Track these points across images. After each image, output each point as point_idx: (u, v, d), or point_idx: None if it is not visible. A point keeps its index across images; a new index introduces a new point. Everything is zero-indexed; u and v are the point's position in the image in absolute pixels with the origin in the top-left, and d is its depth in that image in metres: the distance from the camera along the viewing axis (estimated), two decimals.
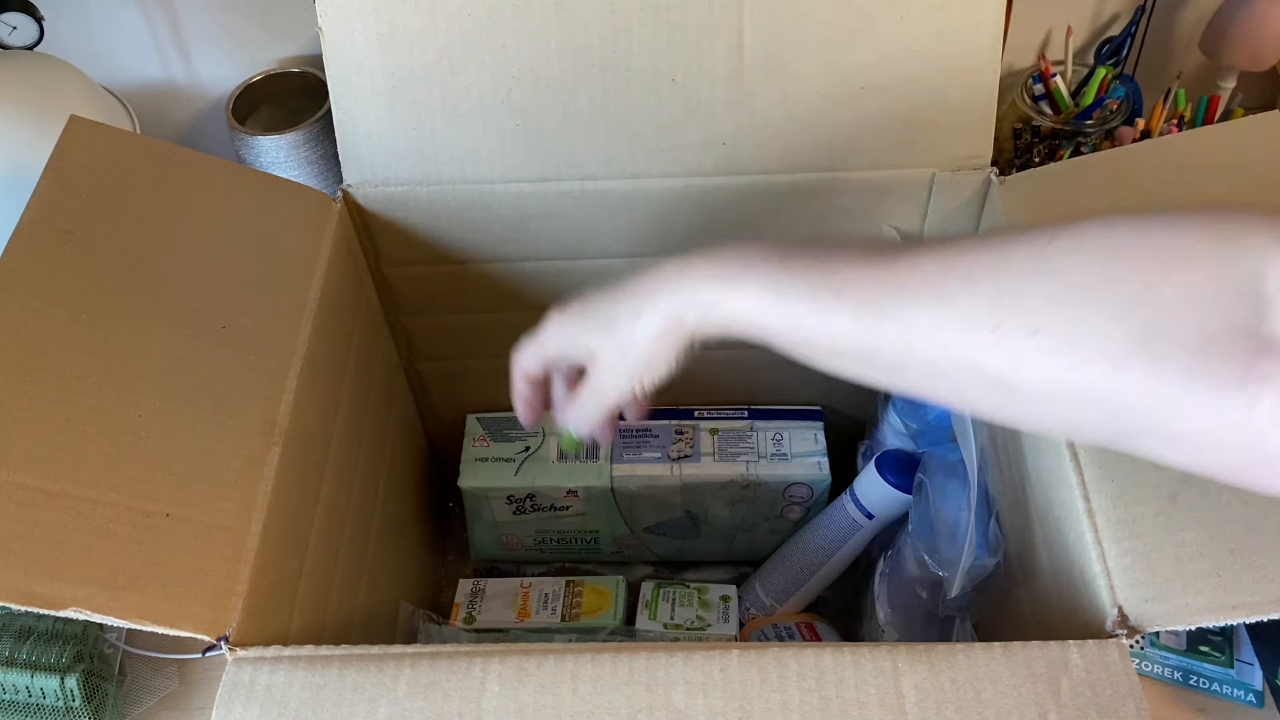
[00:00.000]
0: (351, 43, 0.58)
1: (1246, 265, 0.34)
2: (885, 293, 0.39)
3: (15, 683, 0.60)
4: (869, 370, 0.41)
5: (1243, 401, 0.33)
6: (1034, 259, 0.37)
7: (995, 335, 0.36)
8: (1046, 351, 0.36)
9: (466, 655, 0.42)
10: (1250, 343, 0.34)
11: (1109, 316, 0.35)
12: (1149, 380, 0.35)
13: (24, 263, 0.49)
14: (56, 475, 0.44)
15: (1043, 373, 0.36)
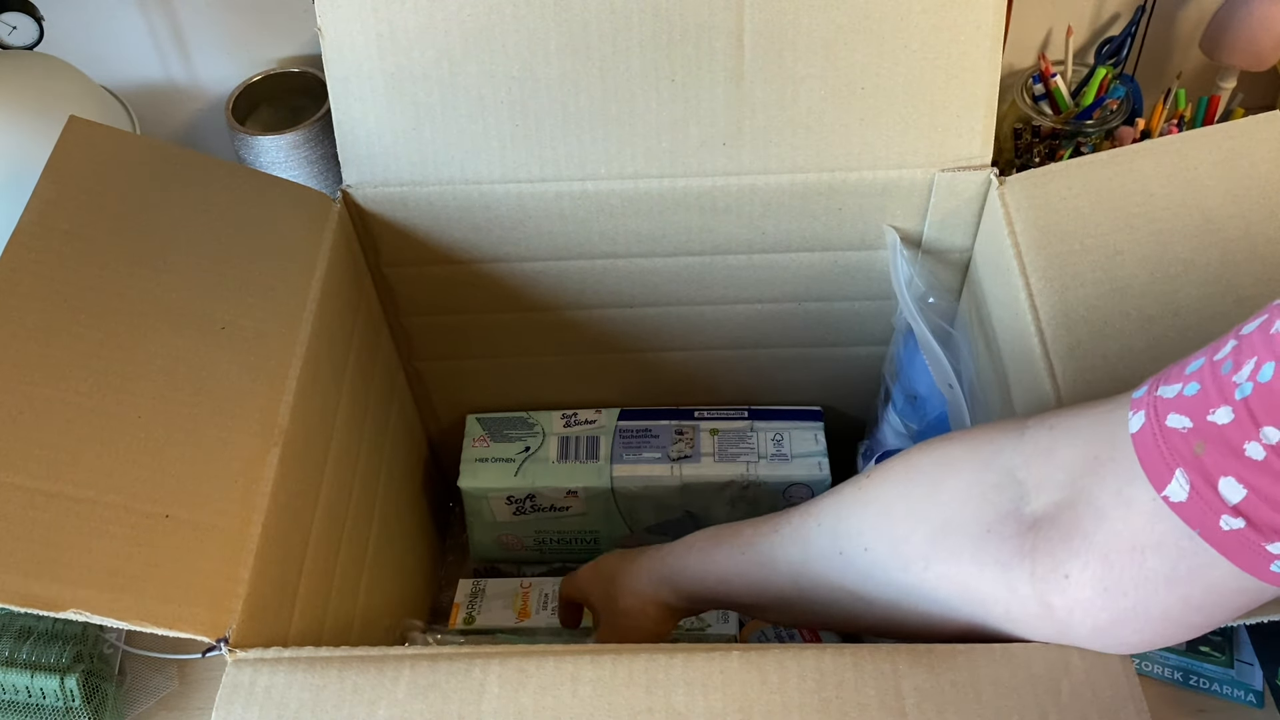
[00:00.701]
0: (351, 43, 0.58)
1: (1000, 462, 0.41)
2: (771, 545, 0.49)
3: (15, 683, 0.60)
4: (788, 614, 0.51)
5: (1024, 574, 0.39)
6: (855, 491, 0.46)
7: (842, 559, 0.45)
8: (878, 563, 0.43)
9: (466, 656, 0.42)
10: (1018, 524, 0.39)
11: (911, 525, 0.42)
12: (953, 571, 0.41)
13: (24, 263, 0.49)
14: (56, 476, 0.44)
15: (881, 579, 0.43)
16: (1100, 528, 0.37)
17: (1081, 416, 0.40)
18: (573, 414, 0.78)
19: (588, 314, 0.71)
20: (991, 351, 0.60)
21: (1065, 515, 0.38)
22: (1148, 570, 0.36)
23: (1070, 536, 0.38)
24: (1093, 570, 0.37)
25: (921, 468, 0.44)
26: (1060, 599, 0.38)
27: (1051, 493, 0.39)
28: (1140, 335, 0.51)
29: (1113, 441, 0.37)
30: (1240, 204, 0.54)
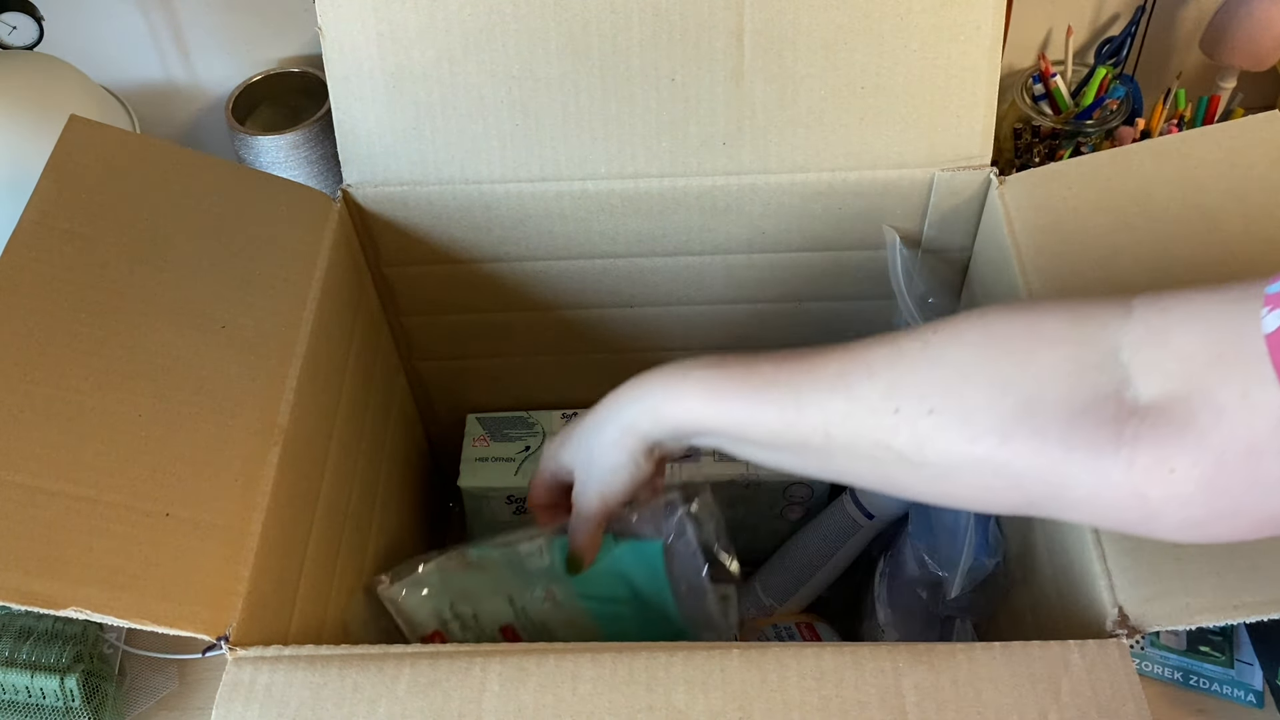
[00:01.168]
0: (351, 43, 0.58)
1: (1103, 341, 0.38)
2: (803, 385, 0.44)
3: (15, 683, 0.60)
4: (803, 460, 0.45)
5: (1120, 462, 0.37)
6: (921, 348, 0.42)
7: (897, 417, 0.41)
8: (943, 428, 0.40)
9: (466, 655, 0.42)
10: (1118, 408, 0.37)
11: (991, 394, 0.40)
12: (1035, 450, 0.38)
13: (24, 263, 0.49)
14: (56, 475, 0.44)
15: (943, 447, 0.40)
16: (1218, 426, 0.35)
17: (1201, 303, 0.37)
18: (573, 414, 0.77)
19: (588, 314, 0.71)
20: None
21: (1178, 408, 0.36)
22: (1261, 474, 0.34)
23: (1182, 431, 0.36)
24: (1203, 469, 0.35)
25: (1009, 335, 0.41)
26: (1158, 491, 0.36)
27: (1162, 382, 0.37)
28: None
29: (1240, 337, 0.35)
30: (1240, 204, 0.54)
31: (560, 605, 0.58)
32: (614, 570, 0.57)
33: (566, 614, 0.58)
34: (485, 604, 0.59)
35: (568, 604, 0.58)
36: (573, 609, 0.58)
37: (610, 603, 0.58)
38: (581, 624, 0.59)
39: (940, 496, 0.43)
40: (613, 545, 0.57)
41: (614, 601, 0.58)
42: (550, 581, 0.58)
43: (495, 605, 0.59)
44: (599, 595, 0.58)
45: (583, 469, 0.53)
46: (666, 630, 0.59)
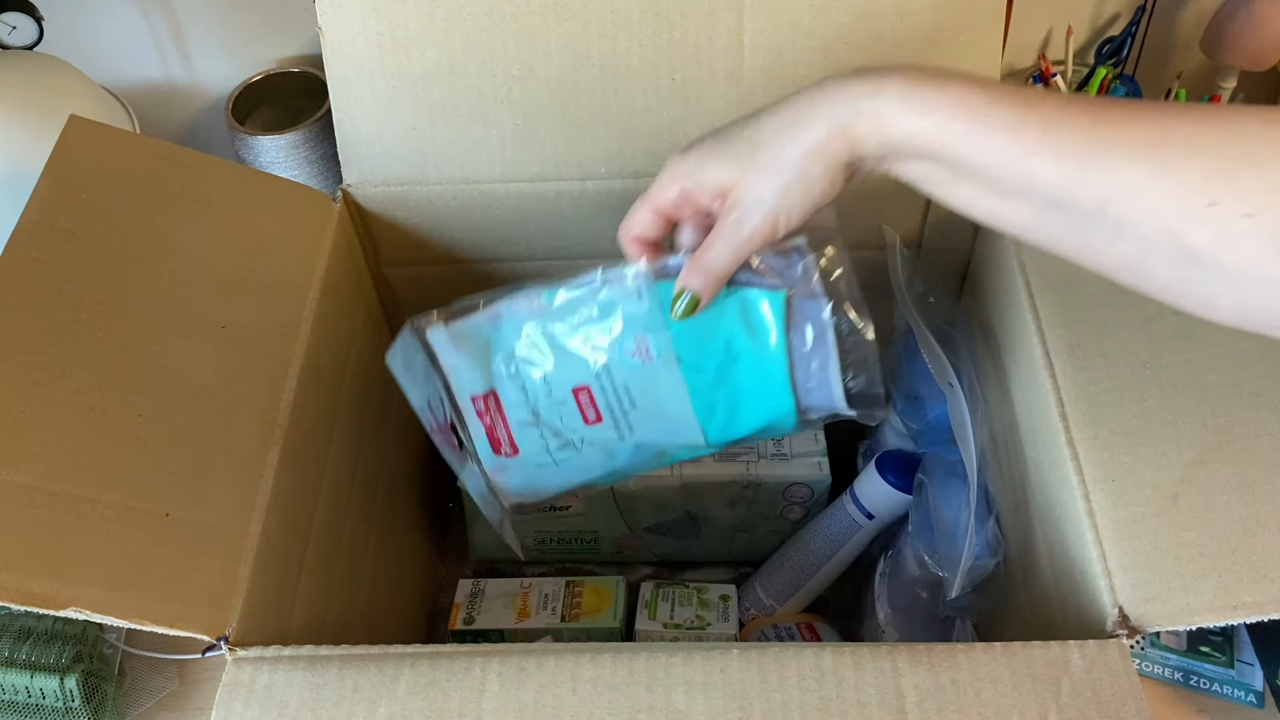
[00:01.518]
0: (351, 43, 0.58)
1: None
2: (1098, 141, 0.36)
3: (14, 683, 0.60)
4: (1049, 221, 0.39)
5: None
6: (1263, 131, 0.35)
7: (1209, 210, 0.35)
8: (1257, 236, 0.34)
9: (466, 655, 0.42)
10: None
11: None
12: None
13: (24, 263, 0.49)
14: (56, 475, 0.44)
15: (1247, 258, 0.34)
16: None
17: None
18: None
19: None
20: (991, 350, 0.60)
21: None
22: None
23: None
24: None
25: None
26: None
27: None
28: (1140, 334, 0.51)
29: None
30: None
31: (650, 365, 0.48)
32: (721, 325, 0.48)
33: (655, 378, 0.49)
34: (558, 357, 0.49)
35: (660, 363, 0.48)
36: (663, 372, 0.48)
37: (708, 368, 0.49)
38: (669, 393, 0.49)
39: (1201, 302, 0.37)
40: (723, 296, 0.47)
41: (713, 367, 0.48)
42: (645, 330, 0.48)
43: (570, 359, 0.49)
44: (698, 356, 0.48)
45: (753, 181, 0.42)
46: (769, 409, 0.50)
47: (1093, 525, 0.46)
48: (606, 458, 0.52)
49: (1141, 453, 0.47)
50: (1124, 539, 0.45)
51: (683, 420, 0.50)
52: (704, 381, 0.49)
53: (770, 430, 0.51)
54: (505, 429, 0.52)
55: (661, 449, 0.52)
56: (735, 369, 0.48)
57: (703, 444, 0.51)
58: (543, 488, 0.55)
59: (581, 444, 0.51)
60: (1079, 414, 0.49)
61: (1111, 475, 0.47)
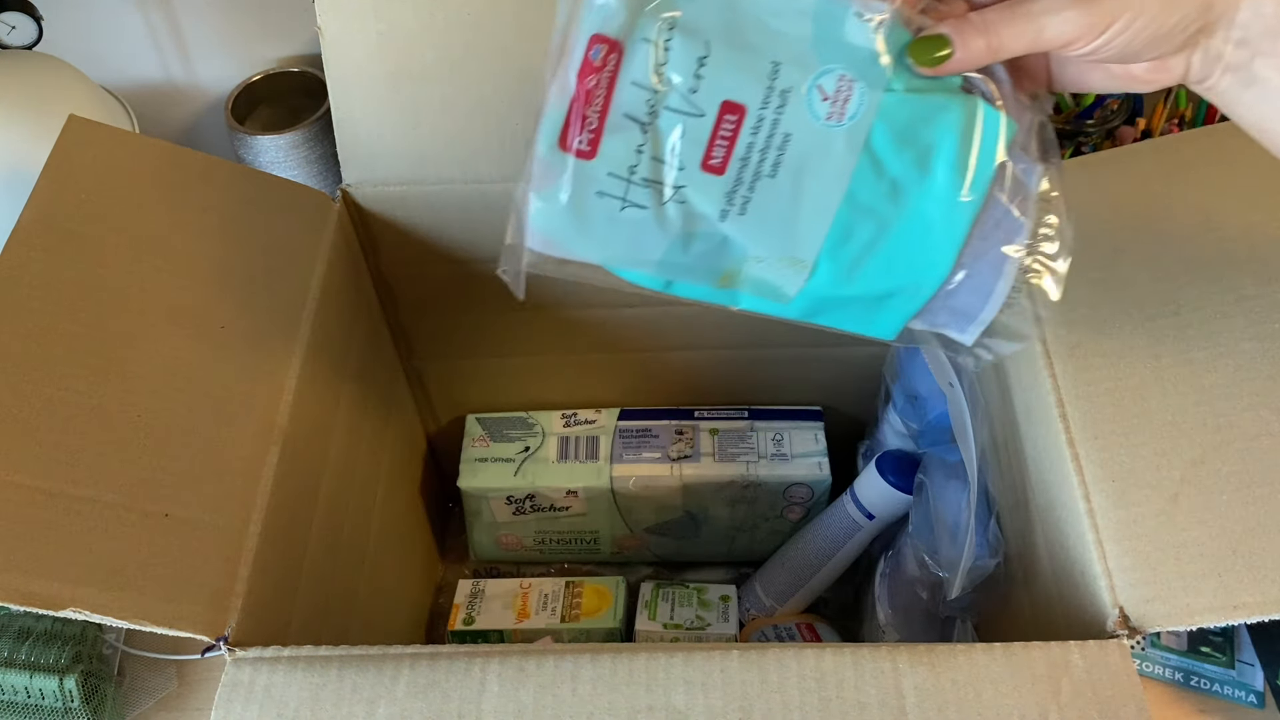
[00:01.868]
0: (351, 42, 0.58)
1: None
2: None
3: (14, 683, 0.60)
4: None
5: None
6: None
7: None
8: None
9: (466, 655, 0.42)
10: None
11: None
12: None
13: (24, 262, 0.49)
14: (56, 475, 0.44)
15: None
16: None
17: None
18: (572, 414, 0.78)
19: (588, 314, 0.71)
20: None
21: None
22: None
23: None
24: None
25: None
26: None
27: None
28: (1140, 334, 0.51)
29: None
30: (1240, 204, 0.53)
31: (833, 128, 0.37)
32: (930, 129, 0.37)
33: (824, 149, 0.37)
34: (732, 48, 0.36)
35: (846, 131, 0.37)
36: (840, 146, 0.37)
37: (882, 178, 0.38)
38: (823, 180, 0.38)
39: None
40: (951, 91, 0.38)
41: (887, 180, 0.38)
42: (858, 76, 0.37)
43: (746, 59, 0.36)
44: (885, 151, 0.37)
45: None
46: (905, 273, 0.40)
47: (1093, 525, 0.46)
48: (674, 240, 0.39)
49: (1142, 453, 0.47)
50: (1124, 539, 0.45)
51: (809, 226, 0.39)
52: (866, 192, 0.38)
53: (872, 318, 0.41)
54: (601, 111, 0.38)
55: (740, 266, 0.40)
56: (903, 202, 0.38)
57: (795, 284, 0.40)
58: (571, 245, 0.41)
59: (667, 197, 0.38)
60: (1079, 414, 0.49)
61: (1112, 475, 0.47)
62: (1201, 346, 0.50)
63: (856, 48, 0.36)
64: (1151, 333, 0.51)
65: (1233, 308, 0.50)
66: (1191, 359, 0.49)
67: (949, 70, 0.37)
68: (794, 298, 0.41)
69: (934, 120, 0.37)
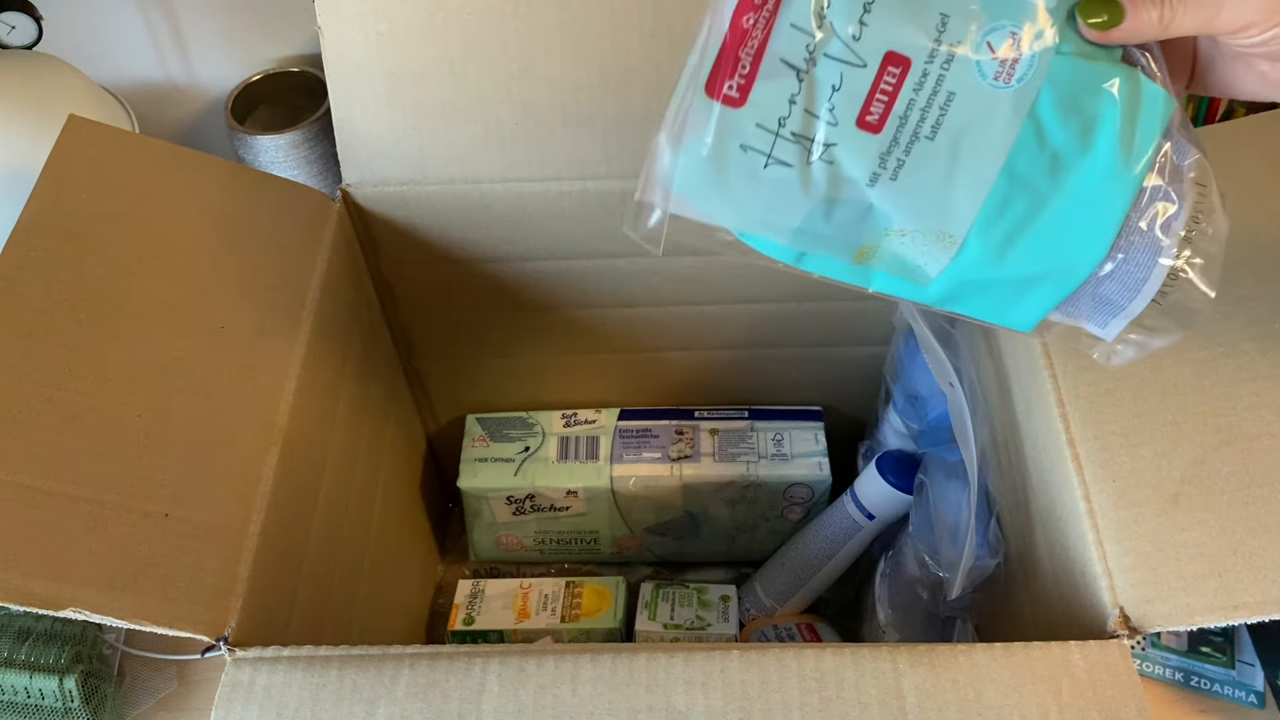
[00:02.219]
0: (351, 42, 0.58)
1: None
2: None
3: (14, 684, 0.60)
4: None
5: None
6: None
7: None
8: None
9: (466, 655, 0.42)
10: None
11: None
12: None
13: (24, 263, 0.49)
14: (56, 475, 0.44)
15: None
16: None
17: None
18: (572, 414, 0.78)
19: (588, 314, 0.71)
20: (992, 351, 0.60)
21: None
22: None
23: None
24: None
25: None
26: None
27: None
28: None
29: None
30: (1240, 204, 0.53)
31: (999, 90, 0.35)
32: (1094, 99, 0.36)
33: (988, 113, 0.35)
34: (894, 3, 0.35)
35: (1013, 95, 0.35)
36: (1005, 111, 0.35)
37: (1045, 148, 0.36)
38: (983, 147, 0.36)
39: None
40: (1114, 61, 0.36)
41: (1049, 151, 0.36)
42: (1024, 26, 0.35)
43: (902, 20, 0.35)
44: (1050, 120, 0.36)
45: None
46: (1066, 251, 0.37)
47: (1093, 525, 0.46)
48: (816, 205, 0.37)
49: (1142, 453, 0.47)
50: (1125, 539, 0.45)
51: (964, 198, 0.36)
52: (1026, 163, 0.36)
53: (1012, 306, 0.39)
54: (755, 55, 0.35)
55: (880, 240, 0.38)
56: (1062, 176, 0.36)
57: (940, 263, 0.38)
58: (705, 203, 0.38)
59: (815, 155, 0.36)
60: (1079, 414, 0.49)
61: (1112, 475, 0.47)
62: (1201, 346, 0.50)
63: (1027, 4, 0.35)
64: None
65: (1233, 308, 0.50)
66: (1192, 359, 0.49)
67: (1116, 38, 0.35)
68: (935, 278, 0.38)
69: (1099, 90, 0.35)
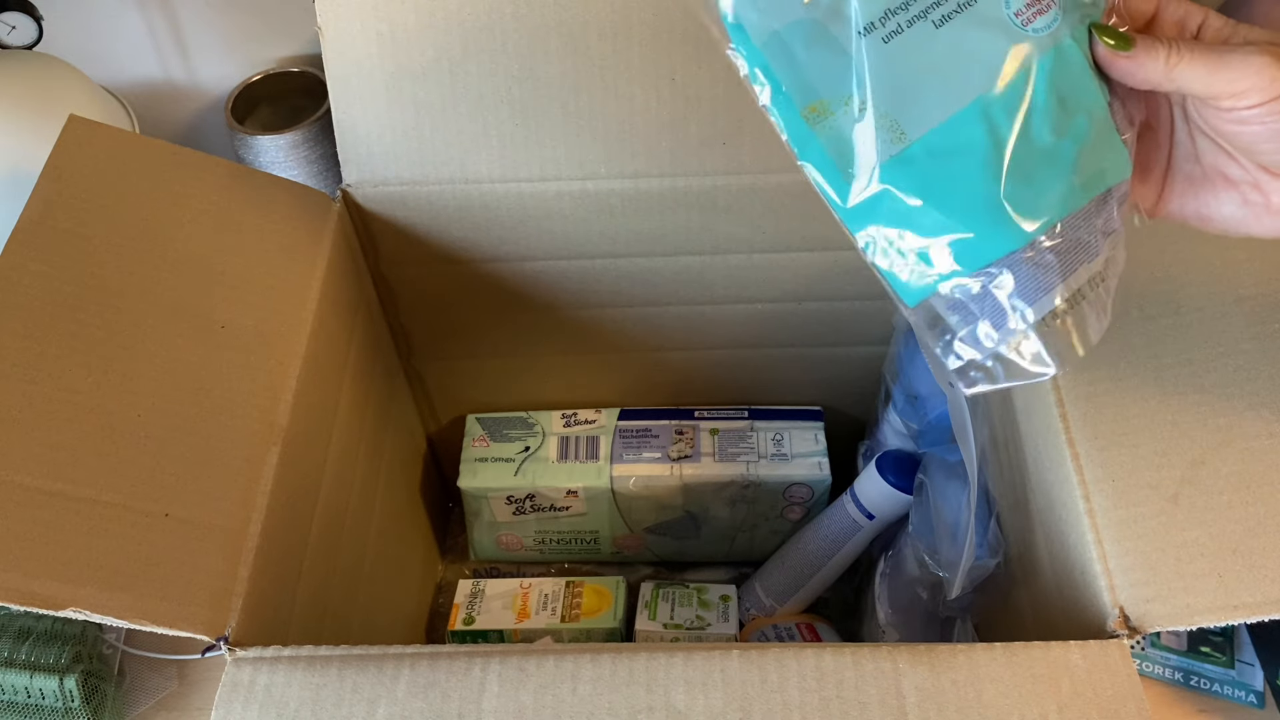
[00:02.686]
0: (351, 42, 0.58)
1: None
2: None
3: (14, 683, 0.60)
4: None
5: None
6: None
7: None
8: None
9: (466, 655, 0.42)
10: None
11: None
12: None
13: (24, 263, 0.49)
14: (56, 475, 0.44)
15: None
16: None
17: None
18: (572, 414, 0.78)
19: (588, 314, 0.71)
20: None
21: None
22: None
23: None
24: None
25: None
26: None
27: None
28: (1140, 334, 0.51)
29: None
30: None
31: (1020, 28, 0.36)
32: (1087, 92, 0.37)
33: (1001, 37, 0.36)
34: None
35: (1033, 37, 0.36)
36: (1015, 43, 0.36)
37: (1038, 101, 0.36)
38: (995, 59, 0.36)
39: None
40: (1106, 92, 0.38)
41: (1044, 105, 0.36)
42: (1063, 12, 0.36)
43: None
44: (1047, 89, 0.36)
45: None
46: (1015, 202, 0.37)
47: (1093, 525, 0.46)
48: (808, 18, 0.37)
49: (1142, 453, 0.47)
50: (1124, 539, 0.45)
51: (932, 101, 0.37)
52: (1000, 110, 0.36)
53: (915, 262, 0.39)
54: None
55: (837, 106, 0.38)
56: (1023, 144, 0.37)
57: (876, 159, 0.38)
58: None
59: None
60: (1079, 414, 0.49)
61: (1112, 475, 0.47)
62: (1201, 346, 0.50)
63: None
64: (1151, 333, 0.51)
65: (1233, 308, 0.50)
66: (1191, 359, 0.49)
67: (1122, 68, 0.36)
68: (861, 177, 0.39)
69: (1084, 98, 0.37)
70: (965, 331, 0.39)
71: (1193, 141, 0.39)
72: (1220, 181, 0.39)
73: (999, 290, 0.38)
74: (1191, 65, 0.35)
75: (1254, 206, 0.38)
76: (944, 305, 0.39)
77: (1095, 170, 0.37)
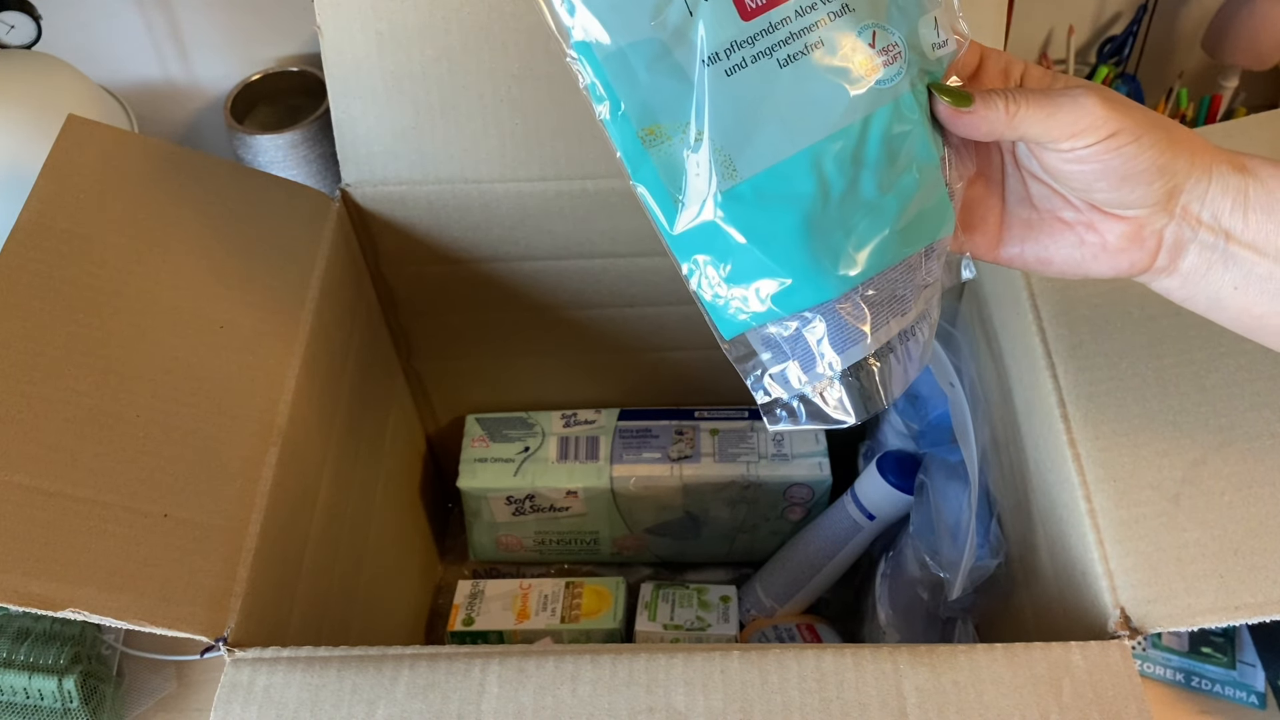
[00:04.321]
0: (350, 42, 0.57)
1: None
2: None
3: (13, 684, 0.60)
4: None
5: None
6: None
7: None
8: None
9: (466, 656, 0.42)
10: None
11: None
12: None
13: (23, 262, 0.49)
14: (55, 475, 0.44)
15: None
16: None
17: None
18: (572, 414, 0.77)
19: (588, 314, 0.71)
20: (993, 350, 0.60)
21: None
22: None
23: None
24: None
25: None
26: None
27: None
28: (1142, 333, 0.51)
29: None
30: None
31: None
32: (920, 148, 0.38)
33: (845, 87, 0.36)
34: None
35: (875, 89, 0.36)
36: (858, 92, 0.36)
37: (869, 154, 0.37)
38: (838, 107, 0.36)
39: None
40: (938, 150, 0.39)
41: (875, 159, 0.37)
42: (908, 48, 0.37)
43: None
44: (881, 141, 0.37)
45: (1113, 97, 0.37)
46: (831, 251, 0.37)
47: (1094, 526, 0.46)
48: (655, 40, 0.37)
49: (1143, 453, 0.47)
50: (1125, 539, 0.45)
51: (768, 143, 0.37)
52: (832, 160, 0.36)
53: (737, 294, 0.39)
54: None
55: (673, 131, 0.38)
56: (850, 198, 0.37)
57: (706, 191, 0.38)
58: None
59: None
60: (1080, 414, 0.49)
61: (1113, 476, 0.47)
62: (1202, 346, 0.49)
63: (920, 36, 0.37)
64: (1152, 333, 0.51)
65: None
66: (1192, 359, 0.49)
67: (965, 124, 0.37)
68: (690, 206, 0.38)
69: (918, 153, 0.37)
70: (776, 370, 0.40)
71: (1025, 187, 0.40)
72: (1056, 224, 0.40)
73: (811, 335, 0.38)
74: (1029, 112, 0.36)
75: (1090, 246, 0.39)
76: (758, 340, 0.40)
77: (918, 226, 0.38)
